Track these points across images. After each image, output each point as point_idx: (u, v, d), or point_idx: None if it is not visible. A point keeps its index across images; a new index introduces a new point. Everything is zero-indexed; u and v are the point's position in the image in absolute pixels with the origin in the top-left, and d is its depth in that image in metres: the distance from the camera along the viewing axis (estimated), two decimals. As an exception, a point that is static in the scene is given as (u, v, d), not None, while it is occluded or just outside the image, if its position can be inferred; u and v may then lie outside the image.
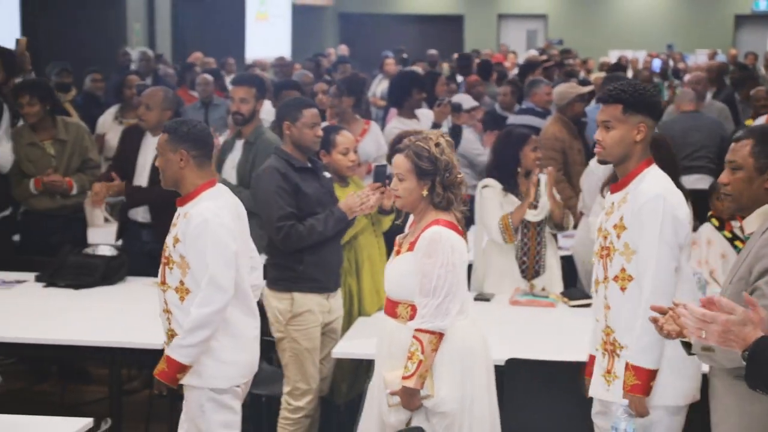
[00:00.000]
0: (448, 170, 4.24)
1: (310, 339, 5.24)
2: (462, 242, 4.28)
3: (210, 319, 4.29)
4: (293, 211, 5.15)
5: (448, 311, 4.14)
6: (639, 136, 4.11)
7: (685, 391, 4.13)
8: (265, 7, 20.59)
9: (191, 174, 4.42)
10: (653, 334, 3.78)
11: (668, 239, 4.03)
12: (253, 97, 6.42)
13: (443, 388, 4.16)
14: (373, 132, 7.57)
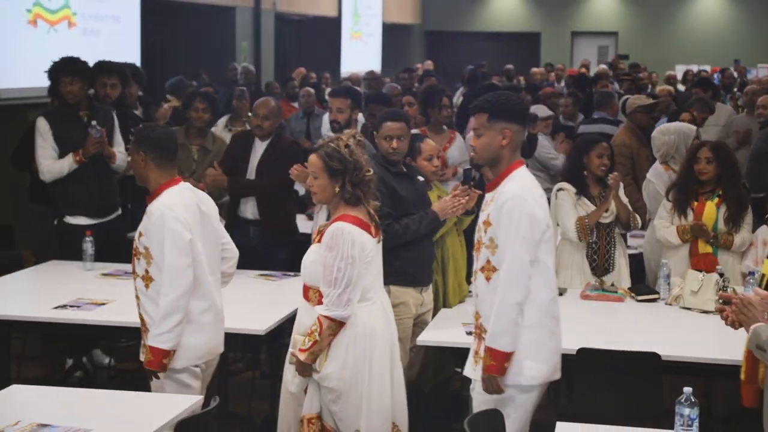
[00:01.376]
0: (357, 169, 4.31)
1: (402, 329, 5.23)
2: (364, 236, 4.32)
3: (176, 304, 4.40)
4: (390, 211, 5.16)
5: (350, 301, 4.22)
6: (504, 141, 4.19)
7: (537, 373, 4.19)
8: (359, 26, 20.68)
9: (153, 174, 4.54)
10: (508, 320, 4.06)
11: (524, 235, 4.10)
12: (348, 107, 6.45)
13: (331, 366, 4.23)
14: (458, 141, 7.62)
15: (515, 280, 4.10)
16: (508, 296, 4.10)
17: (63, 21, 11.06)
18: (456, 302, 5.65)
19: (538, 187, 4.31)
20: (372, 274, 4.39)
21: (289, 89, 12.49)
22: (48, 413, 3.95)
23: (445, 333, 5.20)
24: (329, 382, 4.25)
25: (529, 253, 4.12)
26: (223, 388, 5.43)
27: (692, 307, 5.52)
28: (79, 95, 6.71)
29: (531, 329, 4.15)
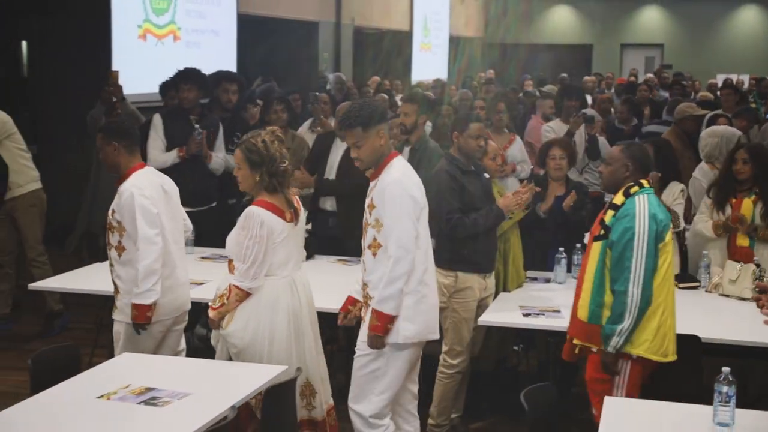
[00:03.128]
0: (273, 161, 4.35)
1: (467, 310, 5.24)
2: (275, 219, 4.34)
3: (150, 267, 4.63)
4: (460, 206, 5.15)
5: (257, 275, 4.30)
6: (383, 141, 4.30)
7: (411, 333, 4.29)
8: (429, 39, 20.64)
9: (123, 159, 4.79)
10: (396, 288, 4.18)
11: (408, 212, 4.20)
12: (414, 112, 6.41)
13: (233, 326, 4.32)
14: (517, 142, 7.59)
15: (405, 253, 4.19)
16: (398, 267, 4.19)
17: (169, 35, 11.22)
18: (514, 287, 5.62)
19: (415, 174, 4.38)
20: (283, 254, 4.43)
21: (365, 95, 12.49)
22: (154, 379, 4.01)
23: (504, 315, 5.19)
24: (231, 338, 4.35)
25: (413, 227, 4.22)
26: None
27: (730, 294, 5.44)
28: (193, 101, 6.87)
29: (407, 295, 4.26)
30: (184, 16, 11.49)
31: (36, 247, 7.12)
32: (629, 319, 4.15)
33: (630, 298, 4.15)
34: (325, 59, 15.51)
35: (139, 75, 10.24)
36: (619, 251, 4.20)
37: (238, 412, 3.92)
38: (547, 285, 5.73)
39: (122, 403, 3.75)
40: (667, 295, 4.27)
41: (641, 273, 4.16)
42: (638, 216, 4.21)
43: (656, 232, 4.19)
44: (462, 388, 5.42)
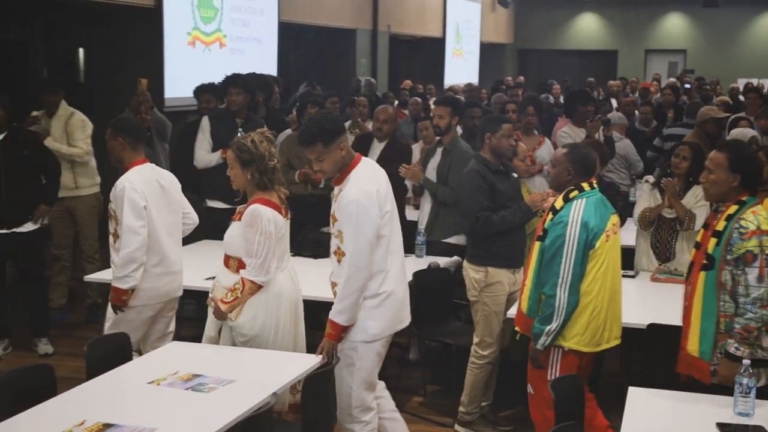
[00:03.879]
0: (262, 159, 4.33)
1: (497, 304, 5.21)
2: (277, 215, 4.37)
3: (130, 256, 4.74)
4: (489, 204, 5.14)
5: (269, 269, 4.31)
6: (344, 152, 4.23)
7: (377, 330, 4.28)
8: (460, 45, 20.57)
9: (127, 155, 4.92)
10: (350, 302, 4.17)
11: (362, 232, 4.13)
12: (448, 114, 6.40)
13: (244, 317, 4.32)
14: (546, 144, 7.53)
15: (357, 271, 4.16)
16: (350, 283, 4.17)
17: (215, 42, 11.29)
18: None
19: (374, 182, 4.26)
20: (282, 247, 4.47)
21: (401, 98, 12.51)
22: (200, 365, 4.04)
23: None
24: (242, 329, 4.35)
25: (369, 246, 4.16)
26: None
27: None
28: (241, 104, 6.93)
29: (370, 299, 4.25)
30: (229, 25, 11.55)
31: (93, 245, 7.23)
32: (557, 321, 4.21)
33: (558, 301, 4.19)
34: (363, 64, 15.53)
35: (188, 79, 10.30)
36: (550, 256, 4.24)
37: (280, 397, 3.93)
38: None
39: (171, 388, 3.78)
40: (599, 292, 4.26)
41: (569, 278, 4.19)
42: (570, 224, 4.21)
43: (586, 240, 4.19)
44: (492, 378, 5.40)
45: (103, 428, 3.31)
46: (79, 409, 3.52)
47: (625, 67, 23.82)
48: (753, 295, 3.73)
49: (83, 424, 3.34)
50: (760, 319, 3.73)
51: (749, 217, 3.79)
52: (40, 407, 3.55)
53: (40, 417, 3.46)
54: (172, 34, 10.29)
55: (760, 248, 3.73)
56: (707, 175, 3.94)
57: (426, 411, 5.64)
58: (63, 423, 3.35)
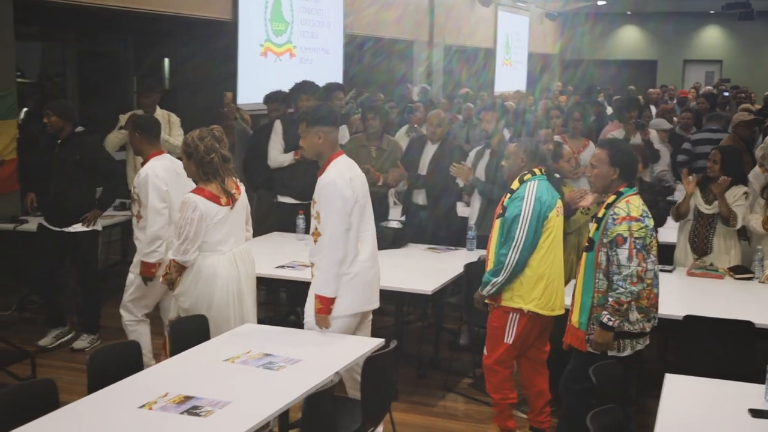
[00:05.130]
0: (198, 153, 4.40)
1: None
2: (209, 204, 4.39)
3: (155, 234, 5.14)
4: None
5: (187, 250, 4.38)
6: (320, 141, 4.30)
7: (343, 308, 4.31)
8: (510, 55, 20.42)
9: (145, 147, 5.31)
10: (331, 274, 4.23)
11: (338, 211, 4.21)
12: (495, 119, 6.39)
13: (179, 290, 4.48)
14: (591, 147, 7.42)
15: (335, 244, 4.23)
16: (330, 256, 4.24)
17: (286, 53, 11.36)
18: (581, 276, 5.53)
19: (351, 171, 4.35)
20: (222, 233, 4.47)
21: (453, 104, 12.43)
22: (271, 346, 4.07)
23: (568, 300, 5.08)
24: (179, 300, 4.51)
25: (344, 223, 4.23)
26: (399, 334, 5.50)
27: (782, 284, 5.25)
28: None
29: (343, 276, 4.30)
30: (299, 37, 11.62)
31: None
32: (503, 276, 4.47)
33: (508, 260, 4.44)
34: (419, 73, 15.52)
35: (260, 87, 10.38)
36: (509, 225, 4.49)
37: (342, 377, 3.95)
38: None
39: (244, 366, 3.82)
40: (553, 262, 4.51)
41: (521, 243, 4.42)
42: (526, 198, 4.45)
43: (539, 212, 4.43)
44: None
45: (183, 400, 3.36)
46: (162, 382, 3.58)
47: (664, 76, 23.42)
48: (624, 273, 3.94)
49: (166, 396, 3.40)
50: (629, 294, 3.95)
51: (622, 206, 4.02)
52: (129, 380, 3.62)
53: (129, 389, 3.52)
54: (246, 45, 10.39)
55: (629, 232, 3.96)
56: (591, 170, 4.17)
57: (475, 392, 5.62)
58: (149, 394, 3.41)
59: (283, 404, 3.43)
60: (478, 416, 5.24)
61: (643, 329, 4.06)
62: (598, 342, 4.06)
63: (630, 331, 4.03)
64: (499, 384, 4.66)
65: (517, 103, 12.16)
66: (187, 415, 3.23)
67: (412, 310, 7.01)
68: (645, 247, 3.96)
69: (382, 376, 4.06)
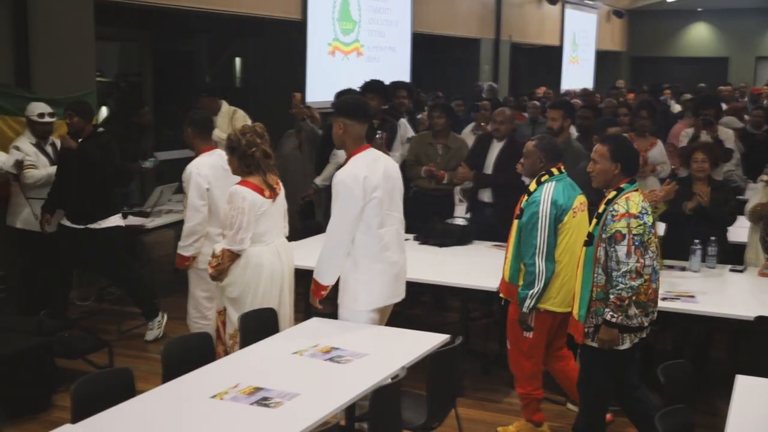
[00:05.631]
0: (239, 148, 4.51)
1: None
2: (255, 195, 4.49)
3: (192, 229, 5.21)
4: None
5: (243, 240, 4.47)
6: (340, 131, 4.35)
7: (367, 302, 4.39)
8: (577, 53, 20.14)
9: (197, 142, 5.35)
10: (329, 265, 4.35)
11: (343, 208, 4.27)
12: (560, 117, 6.30)
13: (228, 280, 4.53)
14: (658, 145, 7.28)
15: (336, 241, 4.32)
16: (329, 250, 4.36)
17: (353, 52, 11.41)
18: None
19: (366, 169, 4.30)
20: (266, 224, 4.57)
21: (520, 102, 12.33)
22: (338, 340, 4.10)
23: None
24: (227, 290, 4.57)
25: (349, 222, 4.28)
26: (464, 330, 5.48)
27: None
28: (376, 109, 6.94)
29: (363, 272, 4.35)
30: (366, 35, 11.66)
31: None
32: (538, 286, 4.40)
33: (537, 268, 4.39)
34: (486, 71, 15.42)
35: (328, 86, 10.47)
36: (528, 231, 4.43)
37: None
38: (682, 273, 5.49)
39: (312, 359, 3.85)
40: (569, 261, 4.42)
41: (544, 248, 4.39)
42: (542, 202, 4.41)
43: (555, 215, 4.39)
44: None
45: (254, 391, 3.40)
46: (233, 373, 3.63)
47: (736, 73, 22.77)
48: (623, 269, 3.93)
49: (237, 387, 3.44)
50: (630, 289, 3.93)
51: (621, 202, 4.01)
52: (202, 370, 3.69)
53: (201, 379, 3.58)
54: (315, 44, 10.47)
55: (627, 229, 3.94)
56: (593, 165, 4.14)
57: (540, 389, 5.55)
58: (220, 385, 3.46)
59: (350, 397, 3.44)
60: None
61: (641, 324, 4.04)
62: (604, 339, 4.04)
63: (628, 325, 4.02)
64: (526, 380, 4.68)
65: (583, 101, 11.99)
66: (257, 405, 3.27)
67: (477, 306, 6.97)
68: (643, 243, 3.95)
69: (447, 372, 4.05)
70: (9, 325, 5.36)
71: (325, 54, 10.74)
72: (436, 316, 6.95)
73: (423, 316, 7.00)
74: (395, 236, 4.47)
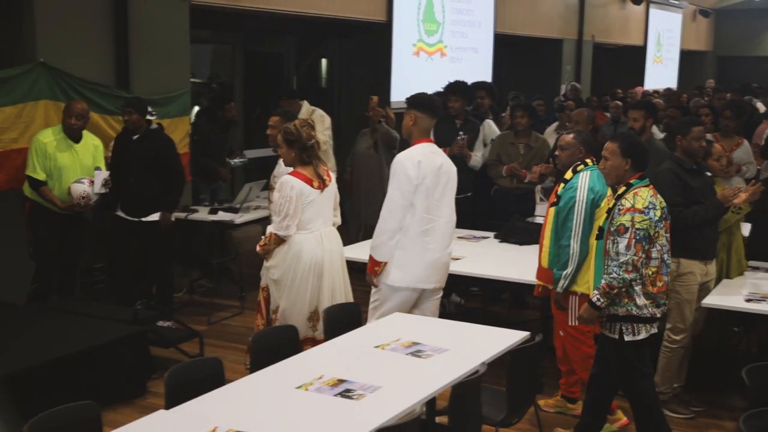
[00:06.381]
0: (301, 140, 4.71)
1: (689, 293, 4.95)
2: (303, 185, 4.69)
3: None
4: (681, 200, 4.88)
5: (288, 226, 4.68)
6: (411, 122, 4.63)
7: (399, 278, 4.61)
8: (661, 53, 19.65)
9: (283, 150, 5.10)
10: (381, 240, 4.55)
11: (398, 185, 4.52)
12: (642, 117, 6.17)
13: (271, 262, 4.77)
14: (744, 145, 7.05)
15: (389, 214, 4.54)
16: (383, 224, 4.56)
17: (437, 52, 11.40)
18: (735, 275, 5.26)
19: (422, 156, 4.56)
20: (312, 213, 4.76)
21: (602, 101, 12.11)
22: (419, 335, 4.10)
23: (726, 299, 4.89)
24: (270, 271, 4.80)
25: (403, 198, 4.52)
26: (543, 326, 5.43)
27: None
28: (459, 110, 6.93)
29: (399, 249, 4.57)
30: (450, 37, 11.62)
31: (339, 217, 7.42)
32: (571, 266, 4.55)
33: (571, 249, 4.54)
34: (568, 71, 15.19)
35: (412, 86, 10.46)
36: (564, 215, 4.59)
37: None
38: (767, 274, 5.31)
39: (394, 353, 3.85)
40: None
41: (579, 231, 4.53)
42: (579, 188, 4.56)
43: (592, 200, 4.53)
44: (684, 362, 5.13)
45: (337, 383, 3.43)
46: (317, 365, 3.67)
47: (825, 71, 21.87)
48: (621, 260, 3.98)
49: (321, 378, 3.48)
50: (621, 281, 3.99)
51: (629, 197, 4.06)
52: (287, 361, 3.74)
53: (287, 370, 3.63)
54: (400, 45, 10.49)
55: (631, 222, 3.99)
56: (605, 162, 4.16)
57: (620, 388, 5.44)
58: (305, 376, 3.50)
59: (431, 391, 3.43)
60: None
61: (653, 314, 4.07)
62: (583, 317, 4.21)
63: (639, 315, 4.06)
64: (584, 363, 4.72)
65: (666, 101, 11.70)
66: (341, 397, 3.30)
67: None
68: (647, 238, 3.99)
69: (527, 369, 4.01)
70: (107, 314, 5.53)
71: (410, 54, 10.75)
72: (516, 313, 6.88)
73: (503, 313, 6.95)
74: (441, 228, 4.67)
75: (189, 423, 3.04)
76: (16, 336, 5.03)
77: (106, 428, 3.03)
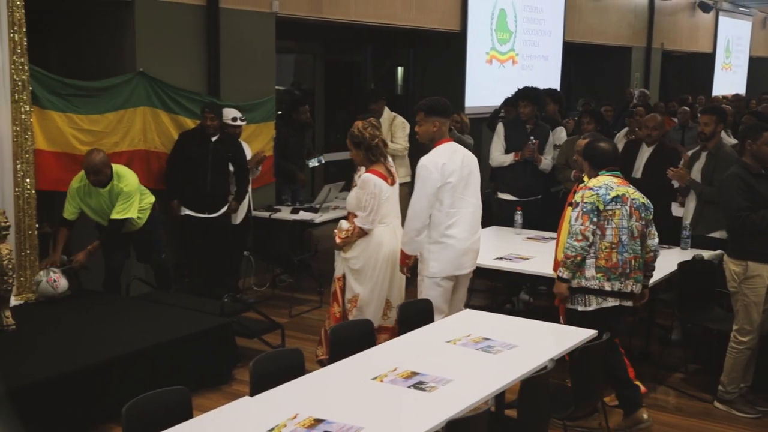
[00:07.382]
0: (365, 140, 4.79)
1: (757, 295, 4.79)
2: (382, 182, 4.79)
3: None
4: (748, 204, 4.72)
5: (373, 221, 4.80)
6: (434, 128, 4.68)
7: (436, 269, 4.69)
8: (730, 60, 19.07)
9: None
10: (410, 237, 4.64)
11: (423, 188, 4.59)
12: (713, 122, 5.97)
13: (351, 253, 4.87)
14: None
15: (415, 215, 4.61)
16: (410, 224, 4.64)
17: (509, 60, 11.32)
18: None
19: (445, 157, 4.62)
20: (387, 207, 4.86)
21: (670, 107, 11.81)
22: (489, 331, 4.07)
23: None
24: (350, 262, 4.88)
25: (427, 200, 4.59)
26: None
27: None
28: (529, 115, 6.87)
29: (433, 243, 4.67)
30: (521, 45, 11.53)
31: None
32: None
33: None
34: (636, 78, 14.87)
35: (486, 91, 10.45)
36: None
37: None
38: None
39: (465, 348, 3.84)
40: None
41: None
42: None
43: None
44: (751, 363, 4.97)
45: (411, 375, 3.44)
46: (392, 358, 3.68)
47: None
48: (571, 231, 4.27)
49: (395, 370, 3.49)
50: (573, 249, 4.26)
51: (587, 180, 4.42)
52: (364, 353, 3.76)
53: (363, 362, 3.66)
54: (474, 53, 10.45)
55: (581, 197, 4.31)
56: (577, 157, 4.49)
57: (686, 386, 5.32)
58: (380, 368, 3.51)
59: (500, 385, 3.42)
60: (690, 410, 4.96)
61: (601, 287, 4.26)
62: (555, 291, 4.41)
63: (587, 287, 4.28)
64: None
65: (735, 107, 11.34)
66: (414, 389, 3.30)
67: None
68: (594, 210, 4.25)
69: (593, 366, 3.94)
70: (197, 306, 5.66)
71: (483, 62, 10.69)
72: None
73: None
74: (468, 217, 4.73)
75: (272, 409, 3.08)
76: (119, 324, 5.19)
77: (195, 412, 3.10)
